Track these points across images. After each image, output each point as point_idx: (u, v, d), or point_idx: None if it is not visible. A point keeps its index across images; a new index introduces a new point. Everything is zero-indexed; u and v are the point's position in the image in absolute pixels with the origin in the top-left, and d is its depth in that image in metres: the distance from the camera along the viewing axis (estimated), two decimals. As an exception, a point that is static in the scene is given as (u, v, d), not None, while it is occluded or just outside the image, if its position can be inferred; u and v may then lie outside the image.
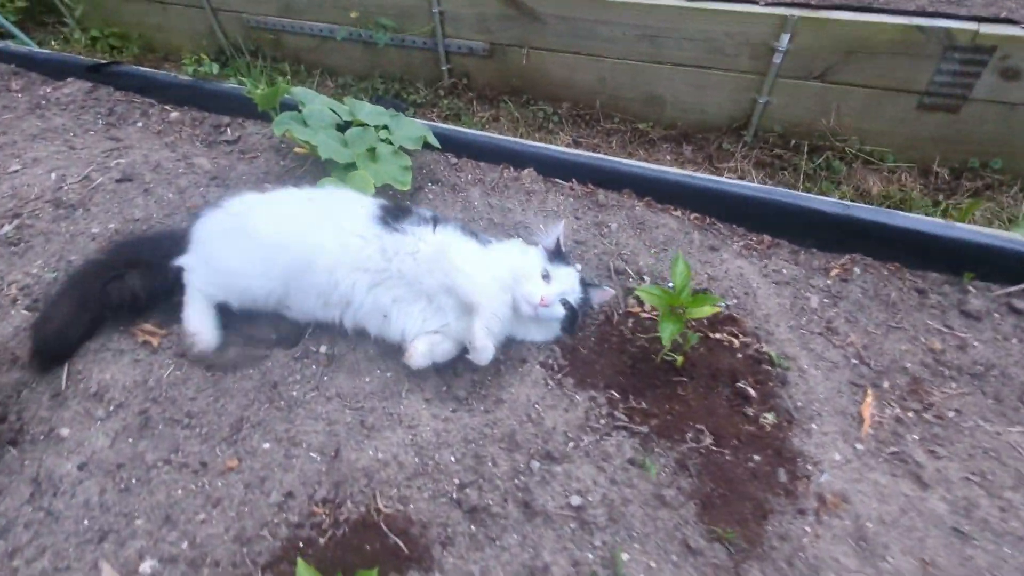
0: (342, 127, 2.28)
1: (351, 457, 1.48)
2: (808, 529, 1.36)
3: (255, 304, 1.72)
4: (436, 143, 2.33)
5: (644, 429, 1.53)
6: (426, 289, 1.60)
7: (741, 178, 2.66)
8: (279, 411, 1.60)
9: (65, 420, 1.58)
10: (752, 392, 1.59)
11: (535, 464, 1.47)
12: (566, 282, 1.65)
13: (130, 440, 1.54)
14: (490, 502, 1.40)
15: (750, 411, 1.57)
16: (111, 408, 1.60)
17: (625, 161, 2.23)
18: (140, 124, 2.80)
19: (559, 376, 1.66)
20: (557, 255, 1.73)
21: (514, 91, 3.25)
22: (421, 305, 1.62)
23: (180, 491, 1.44)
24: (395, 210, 1.75)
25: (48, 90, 2.96)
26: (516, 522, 1.37)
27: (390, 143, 2.20)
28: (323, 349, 1.75)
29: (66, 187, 2.34)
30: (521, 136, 3.02)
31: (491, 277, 1.57)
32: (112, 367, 1.69)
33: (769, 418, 1.55)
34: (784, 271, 1.99)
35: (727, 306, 1.84)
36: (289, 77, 3.41)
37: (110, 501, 1.41)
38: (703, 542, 1.33)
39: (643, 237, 2.09)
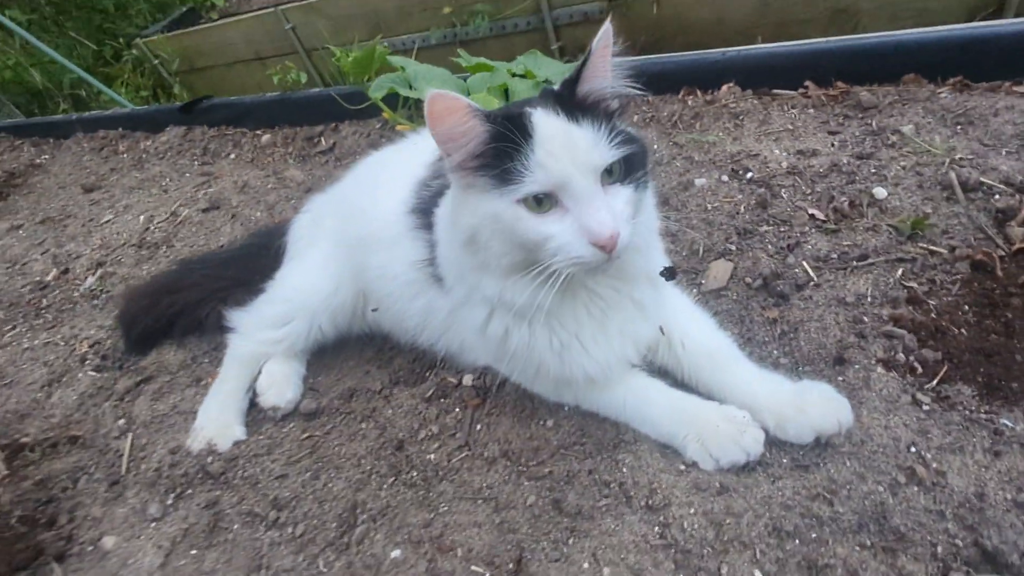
0: (460, 80, 1.68)
1: (548, 576, 0.76)
2: None
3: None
4: None
5: None
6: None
7: None
8: (411, 489, 0.95)
9: (116, 522, 1.06)
10: None
11: (966, 584, 0.64)
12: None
13: (193, 552, 0.96)
14: None
15: None
16: (169, 500, 1.04)
17: (892, 33, 1.37)
18: (232, 156, 2.51)
19: (933, 384, 0.82)
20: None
21: (644, 50, 2.65)
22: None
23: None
24: None
25: (148, 143, 2.83)
26: None
27: (531, 78, 1.55)
28: (468, 380, 1.07)
29: (152, 227, 2.05)
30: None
31: None
32: (180, 435, 1.19)
33: None
34: None
35: None
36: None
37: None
38: None
39: (976, 133, 1.20)
